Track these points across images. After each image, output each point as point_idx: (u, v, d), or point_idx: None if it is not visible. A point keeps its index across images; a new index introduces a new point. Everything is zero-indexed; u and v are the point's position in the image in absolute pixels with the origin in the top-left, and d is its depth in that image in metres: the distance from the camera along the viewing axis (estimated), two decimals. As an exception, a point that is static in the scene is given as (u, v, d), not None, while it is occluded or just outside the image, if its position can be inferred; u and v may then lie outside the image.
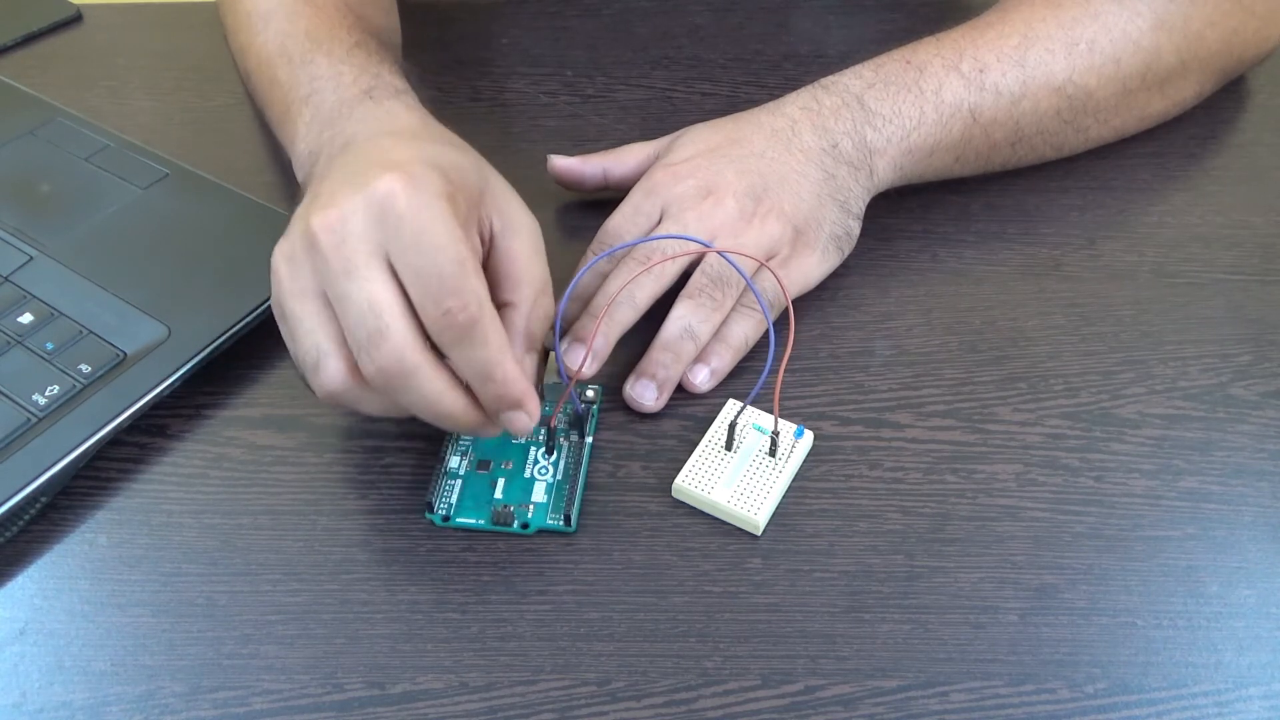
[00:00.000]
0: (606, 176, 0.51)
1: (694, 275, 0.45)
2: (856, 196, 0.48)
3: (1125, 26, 0.50)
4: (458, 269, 0.34)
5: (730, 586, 0.38)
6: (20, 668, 0.36)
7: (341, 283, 0.35)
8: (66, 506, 0.41)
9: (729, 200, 0.46)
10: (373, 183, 0.35)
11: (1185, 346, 0.46)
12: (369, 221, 0.35)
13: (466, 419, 0.37)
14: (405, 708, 0.35)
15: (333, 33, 0.49)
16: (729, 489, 0.40)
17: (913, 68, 0.49)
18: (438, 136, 0.42)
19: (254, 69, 0.52)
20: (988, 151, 0.50)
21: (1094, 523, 0.40)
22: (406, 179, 0.35)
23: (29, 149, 0.54)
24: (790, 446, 0.41)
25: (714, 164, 0.47)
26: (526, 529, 0.39)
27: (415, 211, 0.35)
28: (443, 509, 0.40)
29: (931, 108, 0.48)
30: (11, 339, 0.44)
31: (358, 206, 0.35)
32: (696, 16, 0.65)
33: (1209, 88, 0.55)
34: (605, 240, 0.46)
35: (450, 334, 0.35)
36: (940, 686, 0.36)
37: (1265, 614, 0.37)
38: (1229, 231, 0.51)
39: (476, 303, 0.35)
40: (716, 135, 0.49)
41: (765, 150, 0.47)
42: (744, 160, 0.47)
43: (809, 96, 0.49)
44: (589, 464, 0.42)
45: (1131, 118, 0.53)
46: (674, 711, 0.35)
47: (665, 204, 0.46)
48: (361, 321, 0.35)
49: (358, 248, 0.35)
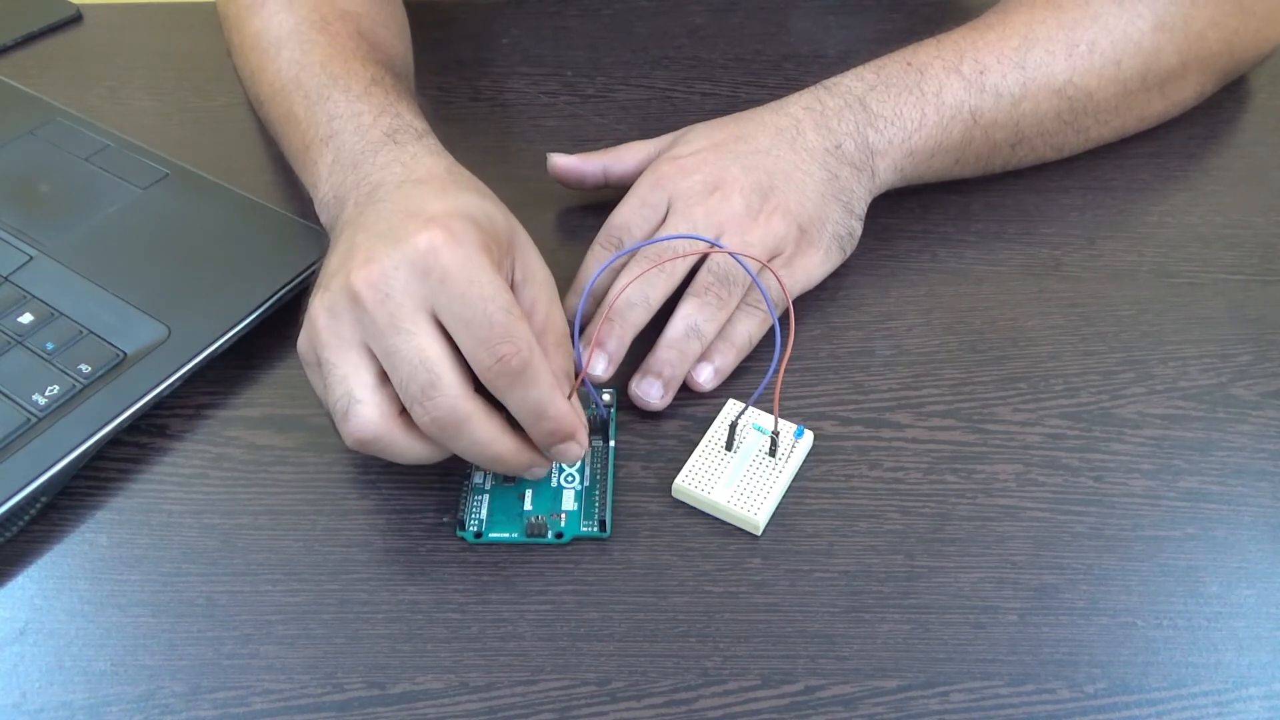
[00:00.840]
0: (607, 175, 0.51)
1: (700, 273, 0.45)
2: (859, 197, 0.48)
3: (1126, 28, 0.50)
4: (507, 316, 0.36)
5: (730, 586, 0.38)
6: (20, 668, 0.36)
7: (390, 338, 0.36)
8: (66, 506, 0.41)
9: (736, 196, 0.46)
10: (412, 237, 0.36)
11: (1185, 346, 0.46)
12: (412, 276, 0.36)
13: (517, 460, 0.38)
14: (405, 708, 0.35)
15: (349, 66, 0.48)
16: (729, 489, 0.40)
17: (914, 69, 0.49)
18: (464, 184, 0.41)
19: (267, 98, 0.51)
20: (988, 153, 0.51)
21: (1094, 523, 0.40)
22: (447, 233, 0.36)
23: (29, 149, 0.54)
24: (790, 446, 0.41)
25: (720, 159, 0.47)
26: (561, 538, 0.39)
27: (460, 265, 0.36)
28: (474, 525, 0.40)
29: (933, 109, 0.48)
30: (11, 339, 0.44)
31: (399, 262, 0.36)
32: (696, 16, 0.65)
33: (1209, 88, 0.55)
34: (612, 232, 0.46)
35: (505, 379, 0.36)
36: (940, 686, 0.36)
37: (1265, 614, 0.37)
38: (1229, 231, 0.51)
39: (528, 346, 0.36)
40: (720, 132, 0.49)
41: (770, 148, 0.47)
42: (750, 156, 0.47)
43: (812, 97, 0.49)
44: (615, 468, 0.42)
45: (1131, 118, 0.53)
46: (674, 711, 0.35)
47: (672, 197, 0.46)
48: (414, 375, 0.36)
49: (403, 303, 0.36)
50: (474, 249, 0.36)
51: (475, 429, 0.36)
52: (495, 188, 0.42)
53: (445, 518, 0.40)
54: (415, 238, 0.36)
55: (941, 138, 0.49)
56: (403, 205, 0.39)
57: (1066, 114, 0.51)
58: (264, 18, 0.51)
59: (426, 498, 0.41)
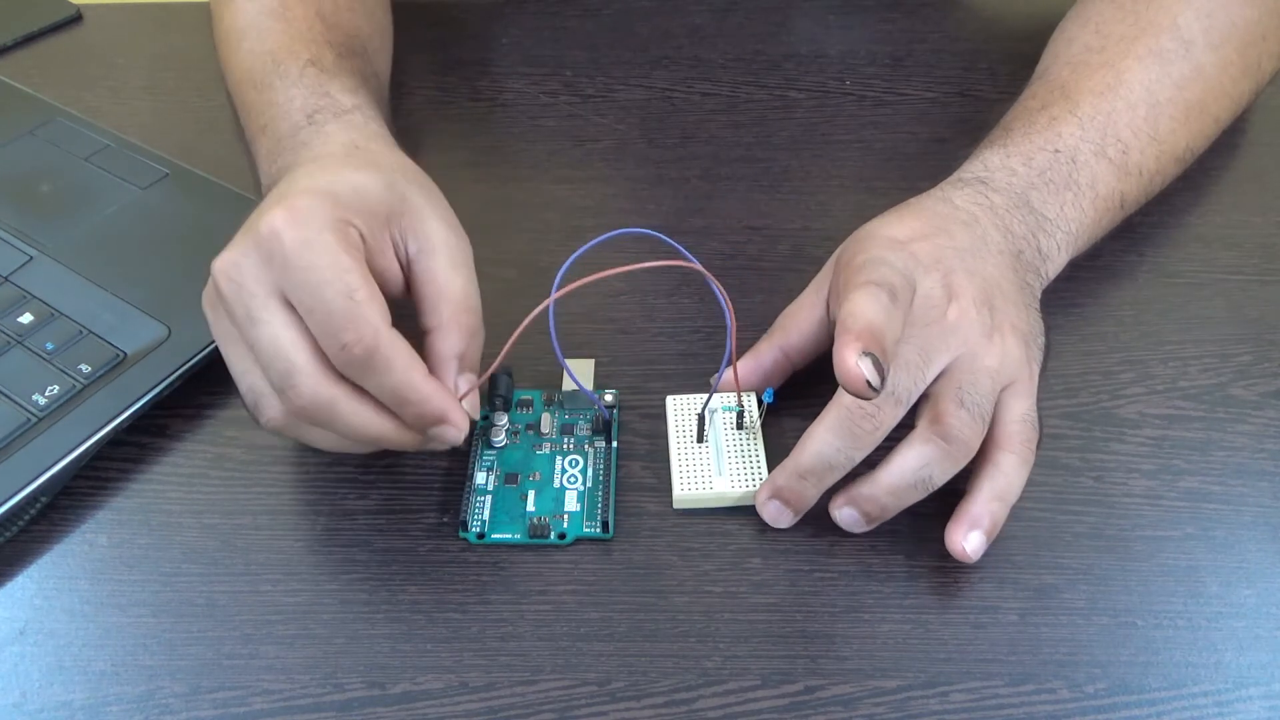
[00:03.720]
0: (787, 356, 0.42)
1: (941, 400, 0.37)
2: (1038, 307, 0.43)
3: (1220, 78, 0.49)
4: (345, 302, 0.34)
5: (730, 586, 0.38)
6: (20, 668, 0.36)
7: (247, 329, 0.35)
8: (66, 506, 0.41)
9: (971, 310, 0.38)
10: (260, 222, 0.35)
11: (1185, 346, 0.46)
12: (259, 262, 0.35)
13: (400, 438, 0.37)
14: (405, 708, 0.35)
15: (293, 50, 0.48)
16: (725, 477, 0.40)
17: (1064, 158, 0.45)
18: (355, 160, 0.40)
19: (231, 89, 0.52)
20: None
21: (1094, 523, 0.40)
22: (289, 214, 0.35)
23: (29, 149, 0.54)
24: (757, 413, 0.42)
25: (942, 253, 0.39)
26: (564, 539, 0.39)
27: (298, 248, 0.34)
28: (476, 526, 0.39)
29: (1089, 204, 0.45)
30: (11, 339, 0.44)
31: (249, 248, 0.35)
32: (696, 16, 0.65)
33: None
34: (847, 324, 0.35)
35: (353, 368, 0.35)
36: (940, 686, 0.36)
37: (1265, 614, 0.37)
38: (1229, 231, 0.51)
39: (372, 332, 0.34)
40: (915, 221, 0.41)
41: (970, 246, 0.40)
42: (961, 257, 0.39)
43: (975, 192, 0.43)
44: (617, 468, 0.42)
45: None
46: (674, 711, 0.35)
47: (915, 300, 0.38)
48: (272, 364, 0.35)
49: (255, 291, 0.35)
50: (317, 229, 0.35)
51: (344, 412, 0.35)
52: (494, 188, 0.42)
53: (445, 518, 0.40)
54: (259, 222, 0.35)
55: (1095, 231, 0.47)
56: (279, 188, 0.38)
57: (1174, 177, 0.50)
58: (233, 11, 0.52)
59: (426, 498, 0.41)
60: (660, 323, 0.47)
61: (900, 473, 0.37)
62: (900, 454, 0.37)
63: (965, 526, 0.37)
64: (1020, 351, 0.39)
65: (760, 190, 0.54)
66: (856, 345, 0.33)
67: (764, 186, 0.54)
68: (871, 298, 0.35)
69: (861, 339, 0.33)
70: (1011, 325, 0.39)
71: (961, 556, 0.37)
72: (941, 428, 0.37)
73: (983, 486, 0.38)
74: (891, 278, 0.36)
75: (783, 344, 0.42)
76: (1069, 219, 0.45)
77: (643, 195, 0.54)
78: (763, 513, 0.39)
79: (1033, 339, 0.40)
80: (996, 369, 0.38)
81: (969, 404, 0.37)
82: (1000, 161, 0.45)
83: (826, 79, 0.60)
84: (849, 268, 0.38)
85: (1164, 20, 0.48)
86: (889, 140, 0.57)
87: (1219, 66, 0.49)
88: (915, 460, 0.37)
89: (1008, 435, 0.38)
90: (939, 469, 0.37)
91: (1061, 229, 0.44)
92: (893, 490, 0.37)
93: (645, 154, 0.56)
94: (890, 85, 0.60)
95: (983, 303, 0.38)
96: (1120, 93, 0.47)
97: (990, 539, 0.38)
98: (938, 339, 0.37)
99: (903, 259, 0.38)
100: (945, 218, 0.41)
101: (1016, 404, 0.38)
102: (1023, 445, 0.38)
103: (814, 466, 0.37)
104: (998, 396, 0.38)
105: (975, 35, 0.63)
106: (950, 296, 0.38)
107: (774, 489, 0.38)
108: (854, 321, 0.34)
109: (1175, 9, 0.49)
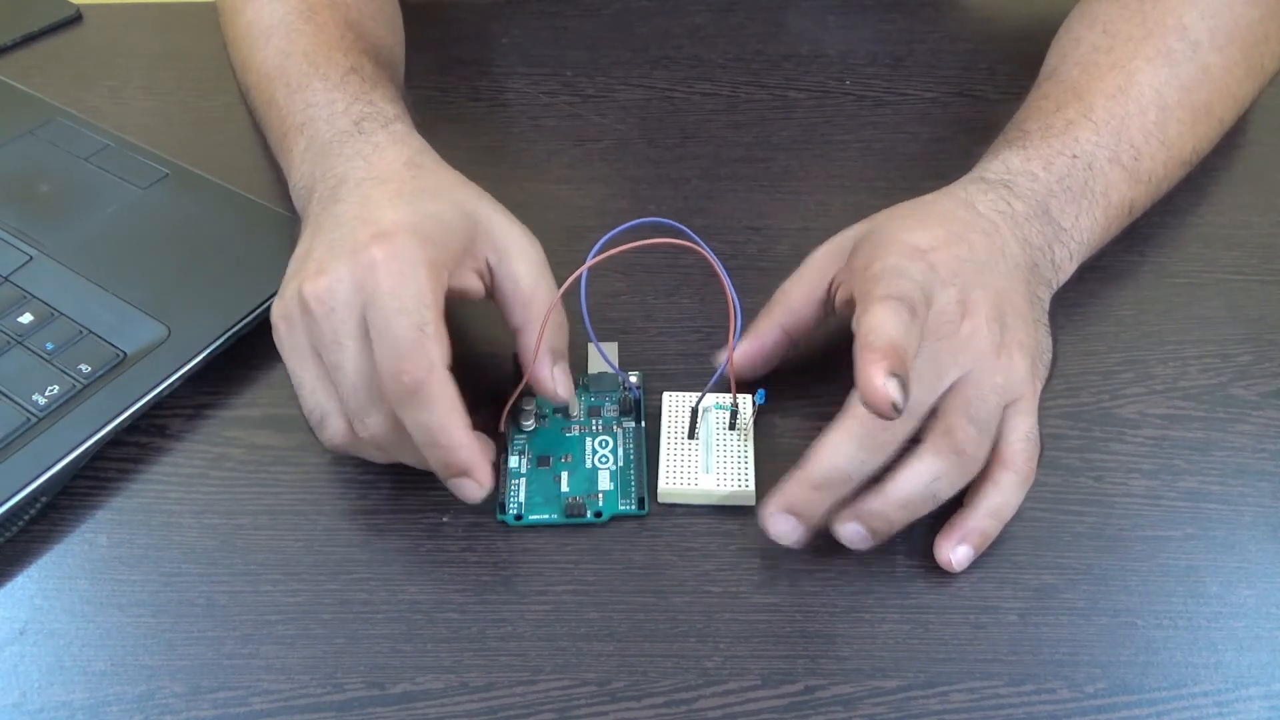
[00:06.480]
0: (788, 334, 0.43)
1: (951, 414, 0.37)
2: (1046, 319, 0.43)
3: (1225, 79, 0.49)
4: (415, 334, 0.35)
5: (730, 586, 0.38)
6: (20, 668, 0.36)
7: (333, 352, 0.37)
8: (66, 506, 0.41)
9: (983, 326, 0.38)
10: (359, 252, 0.37)
11: (1185, 346, 0.46)
12: (352, 290, 0.37)
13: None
14: (405, 708, 0.35)
15: (329, 55, 0.48)
16: (711, 474, 0.40)
17: (1081, 164, 0.45)
18: (423, 183, 0.41)
19: (253, 85, 0.52)
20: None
21: (1094, 523, 0.40)
22: (389, 249, 0.37)
23: (29, 149, 0.54)
24: (750, 414, 0.42)
25: (960, 267, 0.39)
26: (600, 517, 0.40)
27: (390, 282, 0.36)
28: (514, 508, 0.40)
29: (1101, 212, 0.45)
30: (11, 339, 0.44)
31: (344, 275, 0.37)
32: (696, 16, 0.65)
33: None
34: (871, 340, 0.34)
35: (398, 397, 0.36)
36: (940, 686, 0.36)
37: (1265, 614, 0.37)
38: (1229, 231, 0.51)
39: (426, 366, 0.35)
40: (937, 227, 0.40)
41: (988, 259, 0.40)
42: (978, 271, 0.39)
43: (998, 197, 0.43)
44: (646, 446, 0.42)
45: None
46: (674, 711, 0.35)
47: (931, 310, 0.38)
48: (354, 392, 0.37)
49: (345, 317, 0.36)
50: (412, 265, 0.36)
51: (410, 446, 0.37)
52: (494, 188, 0.42)
53: (445, 518, 0.40)
54: (360, 253, 0.37)
55: (1104, 239, 0.47)
56: (359, 210, 0.39)
57: (1179, 180, 0.50)
58: (255, 9, 0.52)
59: (426, 498, 0.41)
60: (660, 323, 0.47)
61: (912, 486, 0.36)
62: (910, 467, 0.37)
63: (956, 539, 0.38)
64: (1026, 369, 0.39)
65: (760, 190, 0.54)
66: (884, 365, 0.33)
67: (764, 186, 0.54)
68: (894, 314, 0.35)
69: (888, 358, 0.33)
70: (1019, 343, 0.39)
71: (947, 567, 0.38)
72: (953, 441, 0.36)
73: (980, 503, 0.38)
74: (911, 292, 0.36)
75: (784, 322, 0.42)
76: (1082, 229, 0.44)
77: (643, 195, 0.54)
78: (769, 527, 0.37)
79: (1039, 356, 0.40)
80: (1003, 385, 0.38)
81: (977, 419, 0.37)
82: (1021, 165, 0.44)
83: (826, 79, 0.60)
84: (866, 274, 0.38)
85: (1170, 20, 0.48)
86: (889, 140, 0.57)
87: (1225, 68, 0.49)
88: (927, 473, 0.36)
89: (1011, 454, 0.38)
90: (948, 482, 0.37)
91: (1075, 239, 0.44)
92: (904, 503, 0.36)
93: (645, 154, 0.56)
94: (890, 85, 0.60)
95: (994, 319, 0.38)
96: (1131, 95, 0.47)
97: (978, 553, 0.38)
98: (949, 354, 0.37)
99: (921, 271, 0.38)
100: (966, 224, 0.41)
101: (1020, 422, 0.38)
102: (1024, 464, 0.38)
103: (830, 477, 0.36)
104: (1002, 413, 0.38)
105: (975, 35, 0.63)
106: (964, 313, 0.38)
107: (786, 502, 0.37)
108: (877, 339, 0.34)
109: (1180, 9, 0.48)
